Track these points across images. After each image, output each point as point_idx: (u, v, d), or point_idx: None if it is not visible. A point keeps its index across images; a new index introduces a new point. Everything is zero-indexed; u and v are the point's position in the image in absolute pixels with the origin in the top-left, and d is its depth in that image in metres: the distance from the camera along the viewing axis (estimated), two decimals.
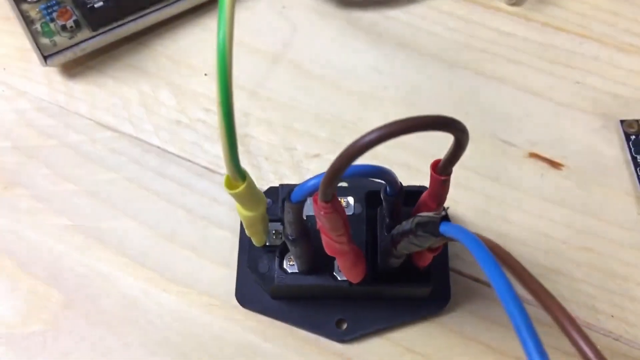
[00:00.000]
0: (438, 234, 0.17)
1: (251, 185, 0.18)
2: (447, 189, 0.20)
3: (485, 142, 0.29)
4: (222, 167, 0.27)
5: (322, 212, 0.17)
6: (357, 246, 0.22)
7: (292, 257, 0.23)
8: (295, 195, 0.18)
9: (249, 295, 0.25)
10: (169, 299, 0.26)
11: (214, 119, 0.29)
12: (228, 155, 0.17)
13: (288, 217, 0.19)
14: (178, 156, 0.29)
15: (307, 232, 0.20)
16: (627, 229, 0.27)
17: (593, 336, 0.25)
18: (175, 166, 0.29)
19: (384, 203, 0.22)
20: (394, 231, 0.20)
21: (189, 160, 0.29)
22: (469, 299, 0.26)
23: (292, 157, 0.29)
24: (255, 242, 0.23)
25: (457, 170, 0.25)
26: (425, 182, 0.20)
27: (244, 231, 0.24)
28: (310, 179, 0.18)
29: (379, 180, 0.20)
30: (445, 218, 0.17)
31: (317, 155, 0.28)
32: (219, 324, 0.25)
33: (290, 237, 0.20)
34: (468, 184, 0.28)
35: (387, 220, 0.23)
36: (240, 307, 0.26)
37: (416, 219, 0.18)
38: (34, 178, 0.28)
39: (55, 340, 0.25)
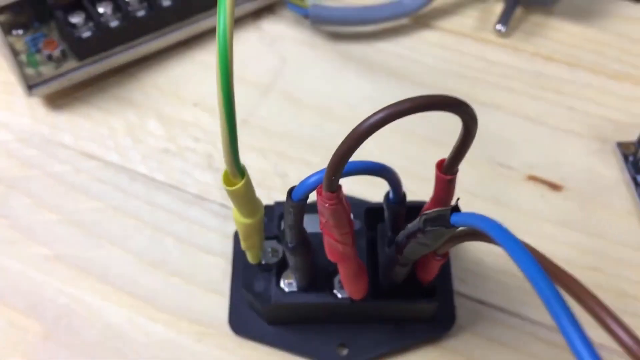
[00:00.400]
0: (449, 225, 0.16)
1: (249, 184, 0.17)
2: (452, 191, 0.19)
3: (483, 166, 0.28)
4: (213, 194, 0.26)
5: (327, 205, 0.16)
6: (365, 266, 0.21)
7: (290, 274, 0.22)
8: (296, 193, 0.17)
9: (244, 322, 0.24)
10: (156, 328, 0.24)
11: (204, 147, 0.29)
12: (228, 148, 0.16)
13: (288, 219, 0.18)
14: (166, 184, 0.28)
15: (307, 241, 0.19)
16: (632, 247, 0.26)
17: (607, 357, 0.23)
18: (164, 194, 0.28)
19: (386, 213, 0.21)
20: (400, 236, 0.19)
21: (178, 188, 0.28)
22: (474, 322, 0.25)
23: (284, 183, 0.28)
24: (251, 258, 0.22)
25: (456, 193, 0.24)
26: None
27: (237, 254, 0.23)
28: (312, 174, 0.17)
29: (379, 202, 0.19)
30: (456, 209, 0.17)
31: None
32: (211, 353, 0.24)
33: (289, 245, 0.19)
34: (467, 207, 0.27)
35: (389, 233, 0.22)
36: (234, 335, 0.24)
37: (424, 217, 0.17)
38: (14, 208, 0.27)
39: None
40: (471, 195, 0.27)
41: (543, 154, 0.28)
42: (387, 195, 0.20)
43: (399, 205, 0.20)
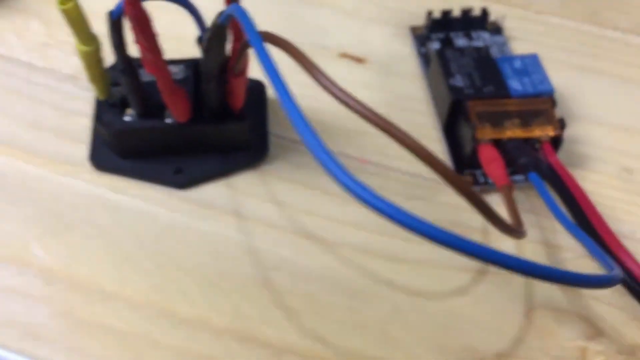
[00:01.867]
0: (220, 23, 0.23)
1: (79, 7, 0.24)
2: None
3: (305, 48, 0.35)
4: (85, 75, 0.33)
5: (130, 11, 0.23)
6: (181, 88, 0.27)
7: (129, 102, 0.28)
8: (114, 12, 0.24)
9: (101, 159, 0.30)
10: (29, 168, 0.30)
11: None
12: None
13: (113, 39, 0.25)
14: (44, 68, 0.34)
15: (131, 64, 0.26)
16: (415, 99, 0.33)
17: (385, 172, 0.31)
18: (42, 76, 0.34)
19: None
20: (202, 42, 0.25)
21: (54, 70, 0.34)
22: (286, 153, 0.31)
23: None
24: (98, 93, 0.28)
25: (281, 65, 0.31)
26: None
27: (97, 104, 0.29)
28: None
29: None
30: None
31: None
32: (77, 184, 0.30)
33: (119, 66, 0.26)
34: (289, 76, 0.34)
35: None
36: (94, 169, 0.30)
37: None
38: None
39: None
40: (293, 68, 0.34)
41: (353, 37, 0.36)
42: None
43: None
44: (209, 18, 0.26)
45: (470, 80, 0.30)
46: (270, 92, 0.33)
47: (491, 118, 0.29)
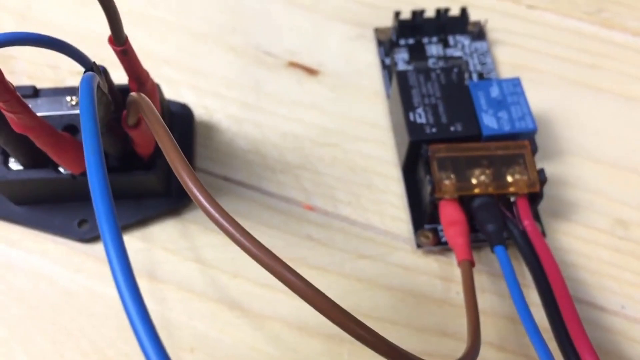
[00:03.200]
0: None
1: None
2: (134, 59, 0.21)
3: (247, 54, 0.30)
4: None
5: None
6: (69, 135, 0.22)
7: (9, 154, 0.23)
8: None
9: None
10: None
11: None
12: None
13: None
14: None
15: (3, 119, 0.21)
16: (370, 124, 0.28)
17: (330, 222, 0.26)
18: None
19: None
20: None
21: None
22: (216, 196, 0.26)
23: (56, 75, 0.29)
24: None
25: (214, 80, 0.26)
26: None
27: None
28: None
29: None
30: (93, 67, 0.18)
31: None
32: None
33: None
34: (225, 94, 0.29)
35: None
36: None
37: None
38: None
39: None
40: (230, 81, 0.29)
41: (306, 41, 0.30)
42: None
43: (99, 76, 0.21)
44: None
45: (434, 116, 0.25)
46: (201, 117, 0.28)
47: (456, 167, 0.24)
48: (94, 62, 0.20)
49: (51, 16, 0.30)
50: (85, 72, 0.18)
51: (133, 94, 0.19)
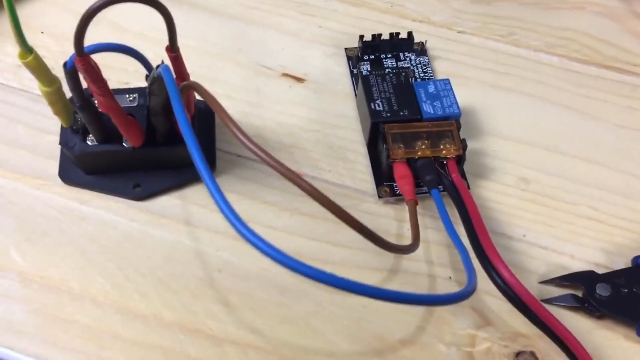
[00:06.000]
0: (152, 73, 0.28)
1: (38, 58, 0.28)
2: (181, 63, 0.31)
3: (250, 67, 0.40)
4: None
5: (80, 65, 0.27)
6: (133, 118, 0.32)
7: (90, 131, 0.33)
8: (68, 63, 0.28)
9: (69, 175, 0.35)
10: (10, 184, 0.35)
11: (49, 62, 0.39)
12: (15, 34, 0.27)
13: (70, 84, 0.29)
14: (18, 89, 0.38)
15: (88, 101, 0.30)
16: (343, 116, 0.38)
17: (316, 184, 0.36)
18: (17, 96, 0.38)
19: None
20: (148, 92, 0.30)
21: (27, 91, 0.38)
22: (232, 168, 0.36)
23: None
24: (63, 122, 0.33)
25: (226, 86, 0.36)
26: None
27: (62, 130, 0.33)
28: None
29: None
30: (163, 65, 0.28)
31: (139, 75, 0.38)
32: (46, 195, 0.35)
33: (77, 104, 0.30)
34: (235, 96, 0.39)
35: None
36: (63, 183, 0.35)
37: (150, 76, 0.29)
38: None
39: None
40: (237, 87, 0.39)
41: (294, 57, 0.40)
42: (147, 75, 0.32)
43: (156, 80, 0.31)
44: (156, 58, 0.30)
45: (389, 105, 0.35)
46: None
47: (404, 139, 0.34)
48: (162, 61, 0.30)
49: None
50: (158, 66, 0.28)
51: (187, 82, 0.29)
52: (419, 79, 0.39)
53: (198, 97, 0.29)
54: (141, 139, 0.33)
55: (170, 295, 0.32)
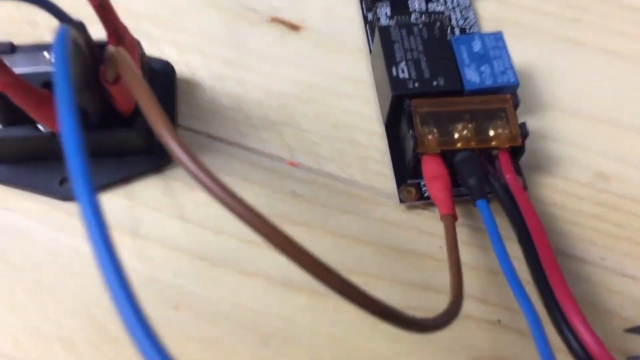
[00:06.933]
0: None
1: None
2: (111, 13, 0.20)
3: (230, 11, 0.29)
4: None
5: None
6: (48, 92, 0.22)
7: None
8: None
9: None
10: None
11: None
12: None
13: None
14: None
15: None
16: (355, 81, 0.28)
17: (314, 178, 0.26)
18: None
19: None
20: None
21: None
22: (200, 154, 0.26)
23: (34, 31, 0.28)
24: None
25: (196, 37, 0.25)
26: None
27: None
28: None
29: None
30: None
31: None
32: None
33: None
34: (207, 51, 0.28)
35: None
36: None
37: None
38: None
39: None
40: (212, 38, 0.28)
41: None
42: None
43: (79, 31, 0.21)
44: None
45: (417, 70, 0.25)
46: (183, 74, 0.27)
47: (439, 122, 0.24)
48: (70, 17, 0.20)
49: None
50: (60, 25, 0.18)
51: (111, 47, 0.19)
52: (457, 30, 0.28)
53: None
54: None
55: (107, 343, 0.23)
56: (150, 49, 0.27)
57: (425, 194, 0.25)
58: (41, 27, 0.28)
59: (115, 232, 0.23)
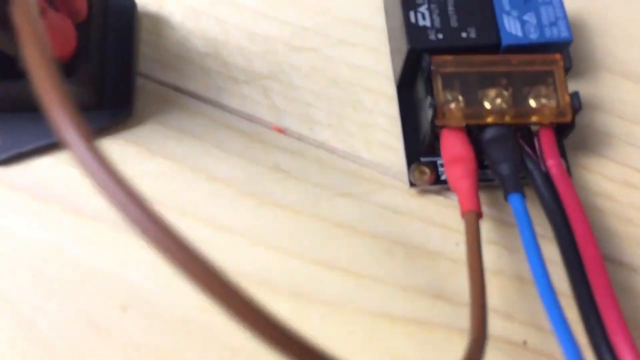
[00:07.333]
0: None
1: None
2: None
3: None
4: None
5: None
6: None
7: None
8: None
9: None
10: None
11: None
12: None
13: None
14: None
15: None
16: (362, 25, 0.22)
17: (304, 149, 0.20)
18: None
19: None
20: None
21: None
22: (163, 110, 0.21)
23: None
24: None
25: None
26: None
27: None
28: None
29: None
30: None
31: None
32: None
33: None
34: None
35: None
36: None
37: None
38: None
39: None
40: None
41: None
42: None
43: None
44: None
45: (441, 17, 0.19)
46: (148, 7, 0.22)
47: (466, 86, 0.18)
48: None
49: None
50: None
51: None
52: None
53: None
54: None
55: (38, 350, 0.18)
56: None
57: (442, 177, 0.20)
58: None
59: (53, 207, 0.19)
